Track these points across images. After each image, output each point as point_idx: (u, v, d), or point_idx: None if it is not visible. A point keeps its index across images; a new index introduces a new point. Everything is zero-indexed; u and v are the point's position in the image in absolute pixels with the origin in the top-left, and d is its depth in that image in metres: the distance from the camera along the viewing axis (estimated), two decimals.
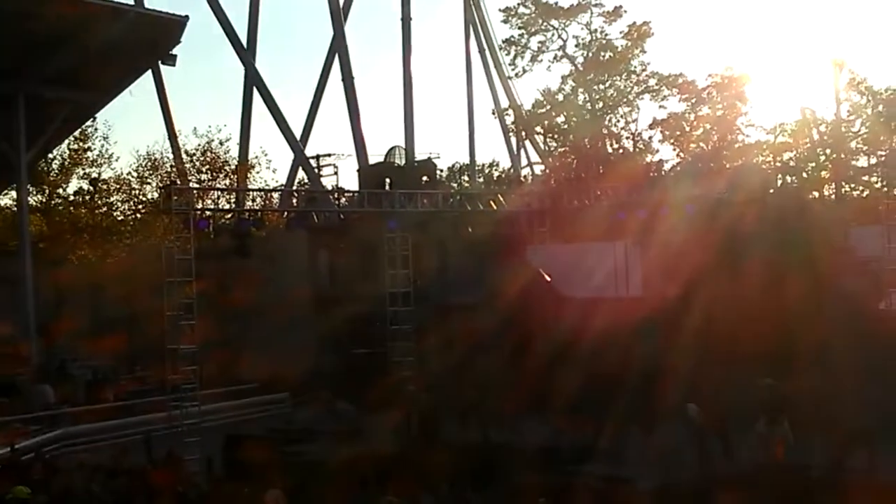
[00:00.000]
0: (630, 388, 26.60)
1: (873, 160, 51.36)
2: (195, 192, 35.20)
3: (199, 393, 31.81)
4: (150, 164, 48.17)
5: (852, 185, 53.08)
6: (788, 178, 47.80)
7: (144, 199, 48.81)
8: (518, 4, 66.73)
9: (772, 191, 33.14)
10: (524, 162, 76.52)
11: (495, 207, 39.38)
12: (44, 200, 51.06)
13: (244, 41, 63.99)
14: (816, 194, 49.59)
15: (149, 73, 55.59)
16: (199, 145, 46.78)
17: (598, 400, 27.72)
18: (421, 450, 26.94)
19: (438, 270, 43.01)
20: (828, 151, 52.34)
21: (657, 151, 62.21)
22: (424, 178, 48.86)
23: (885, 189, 32.73)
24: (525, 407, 29.01)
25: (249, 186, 49.26)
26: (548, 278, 37.72)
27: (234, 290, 45.01)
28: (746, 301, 28.38)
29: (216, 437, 31.01)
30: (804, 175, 51.14)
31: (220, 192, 46.32)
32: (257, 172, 53.73)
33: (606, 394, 27.46)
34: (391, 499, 20.40)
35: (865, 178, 52.43)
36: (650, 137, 61.82)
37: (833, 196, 51.75)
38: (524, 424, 28.27)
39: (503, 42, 69.80)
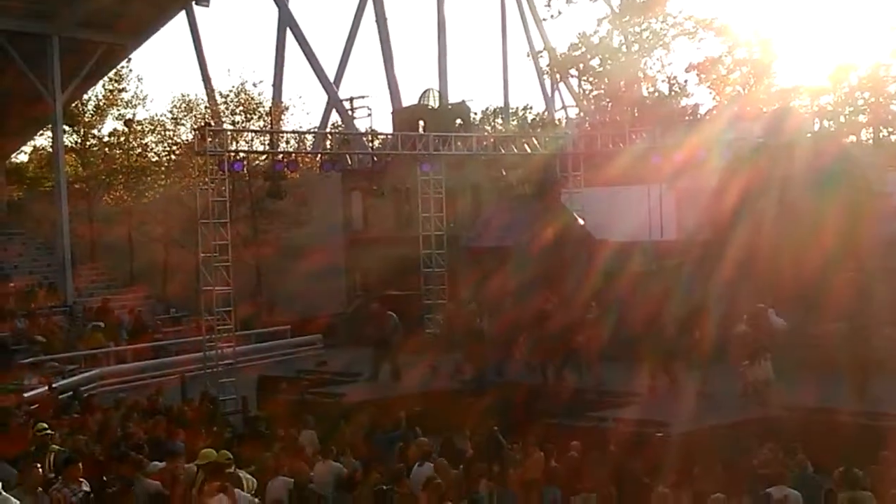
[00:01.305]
0: (665, 332, 26.52)
1: None
2: (229, 133, 35.06)
3: (234, 334, 32.01)
4: (184, 105, 48.12)
5: (890, 129, 52.49)
6: (826, 123, 47.33)
7: (179, 140, 48.82)
8: None
9: (809, 135, 32.81)
10: (558, 105, 76.11)
11: (529, 151, 39.21)
12: (79, 141, 51.21)
13: None
14: (854, 138, 49.04)
15: (183, 14, 55.59)
16: (232, 87, 46.61)
17: (633, 345, 27.71)
18: (459, 391, 27.07)
19: (472, 214, 42.94)
20: (866, 95, 51.70)
21: (693, 95, 61.73)
22: (458, 121, 48.57)
23: None
24: (560, 352, 28.99)
25: (283, 129, 49.12)
26: (582, 222, 37.61)
27: (268, 233, 45.19)
28: (782, 245, 28.20)
29: (250, 379, 31.26)
30: (842, 119, 50.60)
31: (253, 135, 46.20)
32: (291, 115, 53.64)
33: (641, 338, 27.44)
34: (423, 440, 20.48)
35: None
36: (686, 81, 61.24)
37: (871, 140, 51.20)
38: (557, 369, 28.26)
39: None
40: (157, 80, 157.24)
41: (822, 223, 28.07)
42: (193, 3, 53.05)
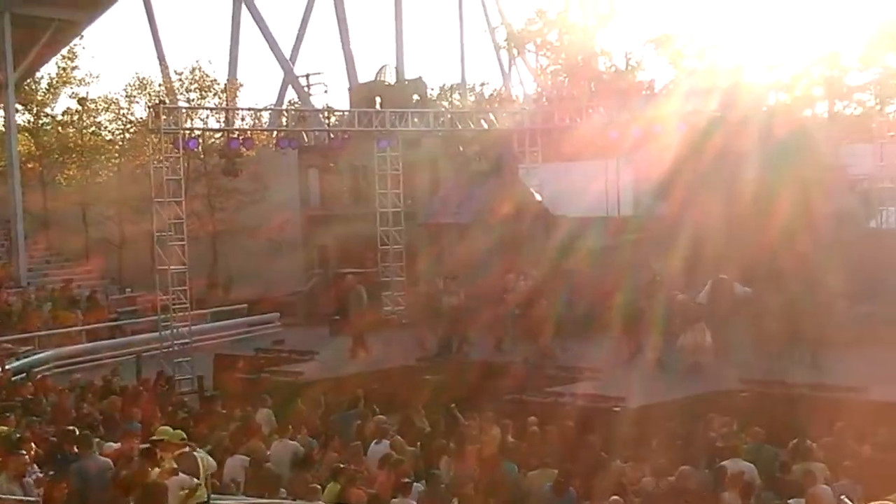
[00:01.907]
0: (620, 307, 26.63)
1: (866, 78, 51.02)
2: (184, 111, 34.75)
3: (189, 313, 31.80)
4: (138, 83, 47.66)
5: (845, 103, 52.74)
6: (781, 96, 47.49)
7: (133, 118, 48.38)
8: None
9: (764, 109, 32.90)
10: (515, 81, 76.04)
11: (486, 126, 39.13)
12: (32, 120, 50.59)
13: None
14: (809, 112, 49.25)
15: None
16: (187, 65, 46.32)
17: (589, 319, 27.81)
18: (414, 370, 27.03)
19: (429, 190, 42.84)
20: (821, 69, 51.89)
21: (649, 70, 61.75)
22: (415, 97, 48.37)
23: (878, 107, 32.48)
24: (517, 327, 29.04)
25: (238, 106, 48.77)
26: (539, 198, 37.60)
27: (224, 211, 44.90)
28: (737, 218, 28.33)
29: (206, 358, 31.10)
30: (797, 93, 50.76)
31: (208, 112, 45.85)
32: (246, 92, 53.21)
33: (597, 314, 27.55)
34: (380, 417, 20.44)
35: (858, 95, 52.10)
36: (642, 55, 61.29)
37: (826, 114, 51.45)
38: (515, 345, 28.30)
39: None
40: (110, 57, 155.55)
41: (777, 197, 28.21)
42: None
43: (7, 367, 28.80)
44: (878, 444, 16.12)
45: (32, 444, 15.38)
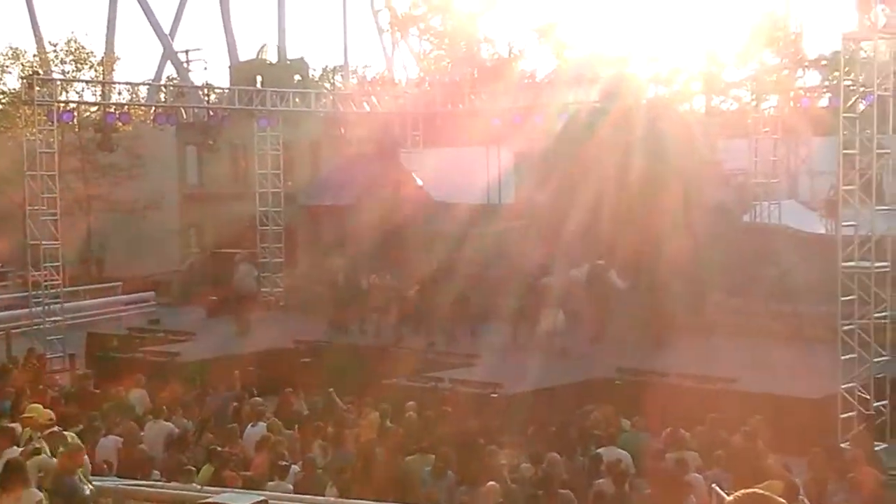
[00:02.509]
0: (502, 293, 26.83)
1: (743, 74, 52.06)
2: (59, 83, 33.93)
3: (62, 290, 31.13)
4: (11, 53, 46.44)
5: (721, 99, 53.72)
6: (660, 90, 48.21)
7: (5, 89, 47.12)
8: None
9: (644, 101, 33.34)
10: (399, 64, 75.85)
11: (368, 109, 39.00)
12: None
13: None
14: (687, 106, 50.11)
15: None
16: (62, 36, 45.28)
17: (471, 306, 27.91)
18: (292, 353, 26.85)
19: (310, 172, 42.57)
20: (699, 64, 52.77)
21: (532, 58, 62.21)
22: (297, 78, 47.97)
23: (754, 103, 33.13)
24: (396, 313, 29.01)
25: (116, 80, 47.82)
26: (420, 182, 37.62)
27: (100, 187, 44.04)
28: (615, 209, 28.67)
29: (79, 336, 30.51)
30: (675, 87, 51.57)
31: (84, 85, 44.85)
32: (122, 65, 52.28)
33: (479, 300, 27.68)
34: (256, 399, 20.28)
35: (735, 91, 53.14)
36: (526, 44, 61.71)
37: (703, 108, 52.36)
38: (396, 330, 28.27)
39: None
40: None
41: (657, 189, 28.63)
42: None
43: None
44: (748, 434, 16.48)
45: None
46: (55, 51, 45.92)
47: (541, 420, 18.16)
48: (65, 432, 14.26)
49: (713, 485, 13.25)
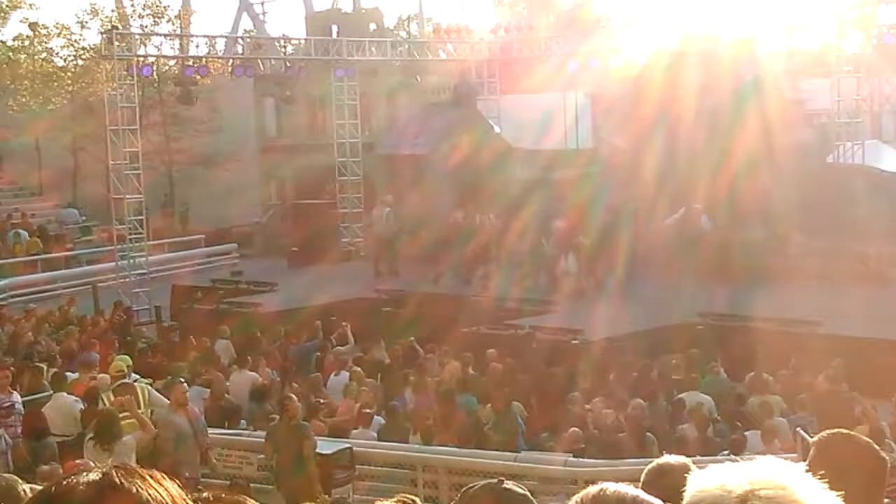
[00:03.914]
0: (583, 240, 26.78)
1: (824, 11, 50.99)
2: (137, 37, 34.22)
3: (146, 244, 31.59)
4: (90, 8, 46.84)
5: (803, 36, 52.68)
6: (740, 29, 47.40)
7: (85, 45, 47.58)
8: None
9: (724, 43, 32.81)
10: (473, 12, 75.40)
11: (445, 57, 38.85)
12: None
13: None
14: (767, 46, 49.23)
15: None
16: None
17: (551, 253, 27.86)
18: (374, 303, 26.99)
19: (388, 121, 42.58)
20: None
21: (609, 2, 61.35)
22: (372, 26, 47.88)
23: (836, 41, 32.42)
24: (478, 260, 29.08)
25: (193, 33, 48.12)
26: (498, 130, 37.48)
27: (180, 140, 44.48)
28: (699, 152, 28.37)
29: (163, 289, 30.96)
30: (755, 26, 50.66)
31: (162, 39, 45.19)
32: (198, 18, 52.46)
33: (558, 247, 27.60)
34: (339, 349, 20.49)
35: (816, 29, 52.12)
36: None
37: (784, 48, 51.41)
38: (478, 278, 28.31)
39: None
40: None
41: (737, 130, 28.24)
42: None
43: None
44: (833, 377, 16.33)
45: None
46: (132, 5, 46.29)
47: (622, 366, 18.14)
48: (136, 383, 14.58)
49: (798, 429, 13.17)
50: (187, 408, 13.70)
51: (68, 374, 16.35)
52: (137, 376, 15.91)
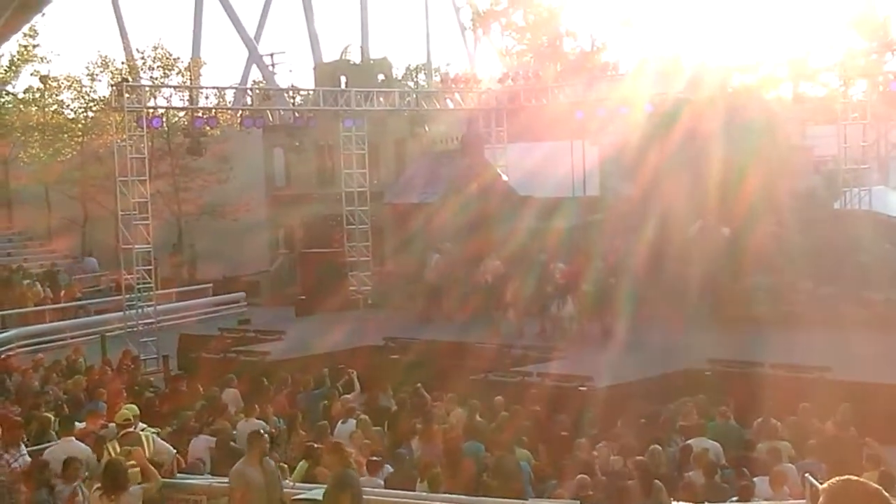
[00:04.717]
0: (589, 287, 26.78)
1: (831, 59, 51.17)
2: (147, 89, 34.52)
3: (154, 293, 31.65)
4: (100, 61, 47.20)
5: (809, 84, 52.86)
6: (746, 78, 47.62)
7: (95, 97, 47.89)
8: None
9: (730, 90, 32.94)
10: (481, 61, 75.81)
11: (452, 106, 39.08)
12: None
13: None
14: (774, 93, 49.40)
15: None
16: (150, 43, 45.93)
17: (558, 300, 27.86)
18: (381, 350, 26.96)
19: (395, 170, 42.76)
20: (785, 49, 51.96)
21: (615, 51, 61.65)
22: (380, 77, 48.21)
23: (842, 88, 32.53)
24: (484, 306, 29.09)
25: (202, 84, 48.45)
26: (505, 178, 37.60)
27: (189, 190, 44.69)
28: (703, 199, 28.42)
29: (171, 338, 30.97)
30: (761, 74, 50.84)
31: (172, 90, 45.54)
32: (208, 70, 52.86)
33: (566, 294, 27.61)
34: (346, 397, 20.44)
35: (822, 77, 52.27)
36: (609, 36, 61.26)
37: (790, 95, 51.54)
38: (482, 324, 28.33)
39: None
40: (72, 35, 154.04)
41: (744, 177, 28.30)
42: None
43: None
44: (841, 423, 16.25)
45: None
46: (143, 58, 46.68)
47: (630, 412, 18.07)
48: (142, 432, 14.51)
49: (806, 474, 13.09)
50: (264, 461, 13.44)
51: (75, 423, 16.31)
52: (144, 425, 15.86)
